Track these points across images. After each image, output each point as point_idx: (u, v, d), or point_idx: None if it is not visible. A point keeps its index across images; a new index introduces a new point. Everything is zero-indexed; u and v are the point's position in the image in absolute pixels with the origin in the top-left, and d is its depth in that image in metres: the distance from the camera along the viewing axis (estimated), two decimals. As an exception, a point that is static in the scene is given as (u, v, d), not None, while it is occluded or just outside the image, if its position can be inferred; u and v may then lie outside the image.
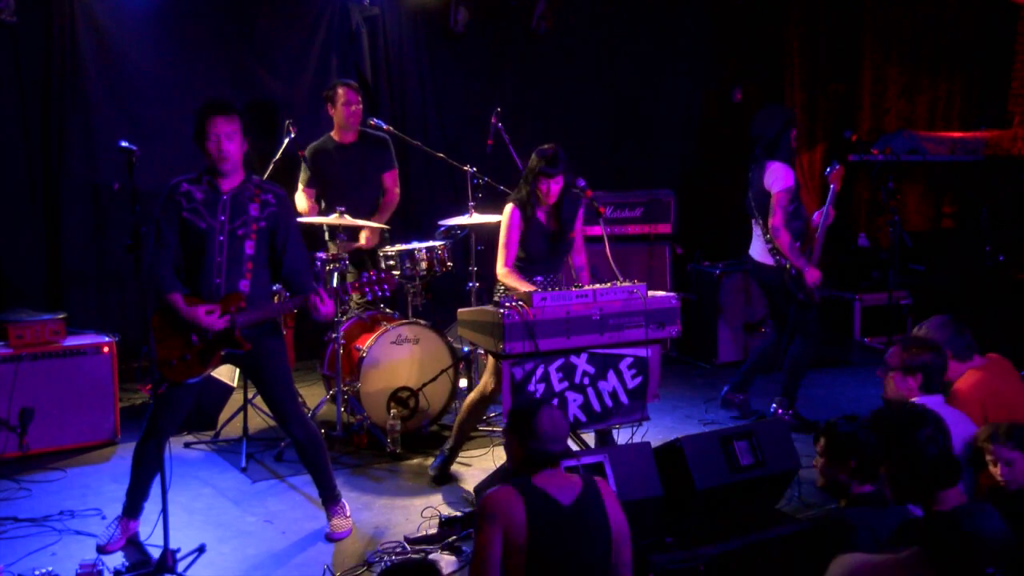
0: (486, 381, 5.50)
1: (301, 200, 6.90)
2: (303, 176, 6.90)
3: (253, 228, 4.68)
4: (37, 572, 4.29)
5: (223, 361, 4.80)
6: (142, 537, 4.87)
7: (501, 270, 5.66)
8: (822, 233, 6.59)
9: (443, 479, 5.71)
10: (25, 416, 5.90)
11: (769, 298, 6.91)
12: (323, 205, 6.83)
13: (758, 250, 6.66)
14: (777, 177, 6.45)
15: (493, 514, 3.42)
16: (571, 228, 5.80)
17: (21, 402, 5.87)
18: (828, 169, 6.60)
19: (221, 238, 4.64)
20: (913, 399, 4.44)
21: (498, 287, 5.75)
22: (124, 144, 4.43)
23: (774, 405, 6.74)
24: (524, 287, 5.37)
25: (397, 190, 7.12)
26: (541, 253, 5.70)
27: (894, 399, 4.53)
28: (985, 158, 9.56)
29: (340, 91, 6.85)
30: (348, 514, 5.10)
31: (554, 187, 5.63)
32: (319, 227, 6.85)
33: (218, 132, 4.61)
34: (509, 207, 5.73)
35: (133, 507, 4.86)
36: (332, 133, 7.00)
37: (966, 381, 4.74)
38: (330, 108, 6.94)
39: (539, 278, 5.64)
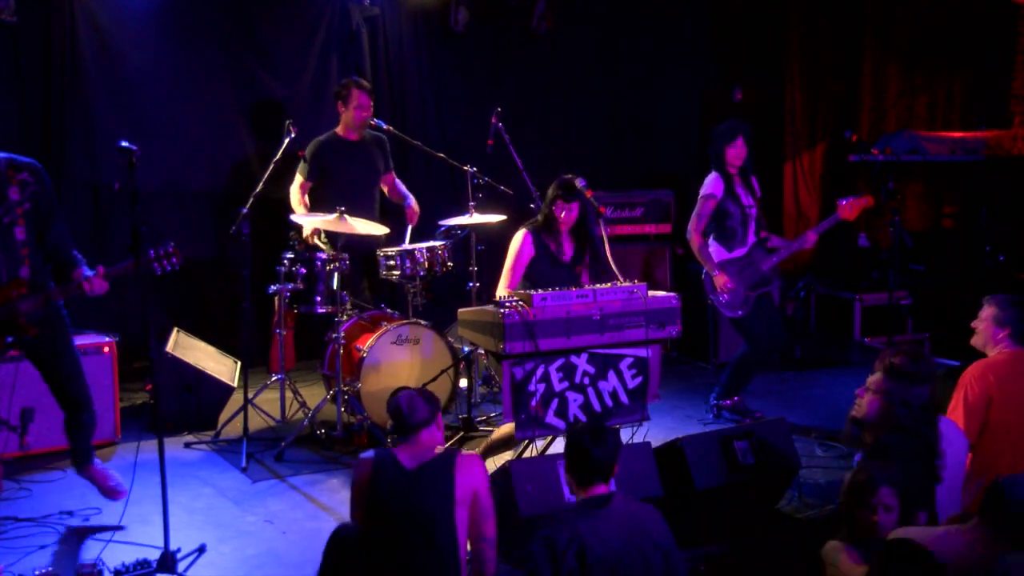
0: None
1: (296, 197, 6.89)
2: (302, 169, 6.89)
3: (19, 212, 4.60)
4: (37, 572, 4.29)
5: (9, 347, 4.72)
6: (143, 538, 4.87)
7: (501, 292, 5.66)
8: (787, 251, 6.72)
9: None
10: (26, 416, 5.87)
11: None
12: (322, 200, 6.83)
13: None
14: (705, 184, 6.70)
15: (352, 474, 4.04)
16: (581, 262, 5.83)
17: (22, 402, 5.82)
18: (847, 199, 6.62)
19: None
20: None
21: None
22: (124, 144, 4.42)
23: (712, 398, 6.90)
24: None
25: (401, 184, 7.21)
26: (548, 282, 5.68)
27: (867, 418, 4.42)
28: (985, 158, 9.56)
29: (355, 93, 6.86)
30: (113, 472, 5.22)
31: (568, 215, 5.67)
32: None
33: None
34: (522, 232, 5.76)
35: None
36: (338, 130, 7.01)
37: (997, 358, 4.98)
38: (340, 106, 6.95)
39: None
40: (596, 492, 3.76)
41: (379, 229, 6.53)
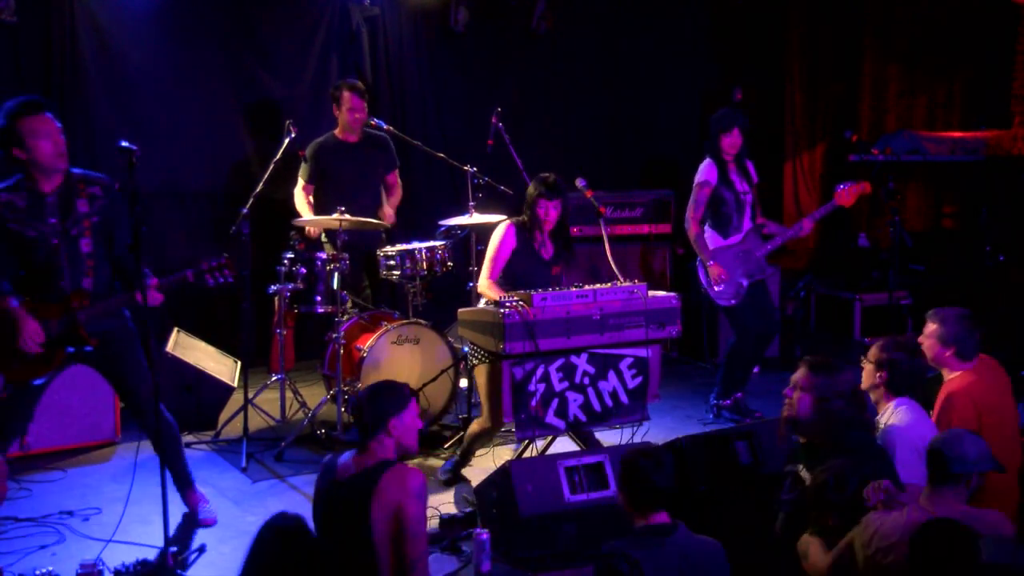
0: (485, 418, 5.45)
1: (300, 199, 6.90)
2: (304, 171, 6.91)
3: (86, 225, 4.63)
4: (37, 572, 4.29)
5: (70, 360, 4.72)
6: (143, 538, 4.87)
7: (483, 282, 5.68)
8: (783, 238, 6.74)
9: (455, 481, 5.69)
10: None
11: None
12: (323, 201, 6.83)
13: None
14: (699, 171, 6.73)
15: None
16: (558, 263, 5.85)
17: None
18: (844, 184, 6.62)
19: (55, 241, 4.59)
20: (877, 395, 4.53)
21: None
22: (124, 144, 4.42)
23: (712, 398, 6.87)
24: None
25: (399, 187, 7.23)
26: (527, 276, 5.68)
27: (868, 389, 4.56)
28: (986, 158, 9.55)
29: (346, 95, 6.87)
30: (208, 501, 5.16)
31: (552, 212, 5.67)
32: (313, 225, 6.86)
33: (50, 130, 4.54)
34: (506, 223, 5.76)
35: None
36: (336, 131, 7.02)
37: (961, 381, 4.71)
38: (335, 108, 6.97)
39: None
40: (657, 520, 3.61)
41: (380, 224, 6.55)
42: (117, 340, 4.74)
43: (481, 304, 5.55)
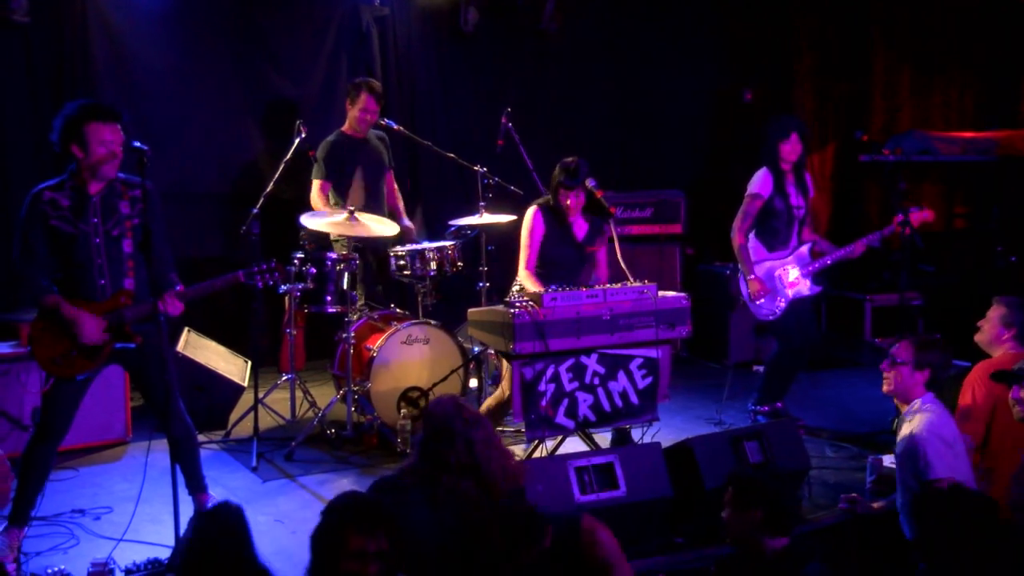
0: (504, 387, 5.47)
1: (316, 197, 6.91)
2: (318, 172, 6.91)
3: (127, 226, 4.68)
4: (49, 570, 4.31)
5: (114, 358, 4.77)
6: (154, 537, 4.88)
7: (522, 272, 5.70)
8: (832, 258, 6.58)
9: None
10: (37, 415, 5.90)
11: None
12: (336, 199, 6.85)
13: None
14: (753, 181, 6.51)
15: None
16: (593, 243, 5.82)
17: (33, 401, 5.88)
18: (913, 209, 6.55)
19: (97, 240, 4.63)
20: (903, 395, 4.67)
21: (514, 286, 5.76)
22: (136, 144, 4.43)
23: (750, 403, 6.75)
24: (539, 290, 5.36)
25: (397, 189, 7.31)
26: (561, 260, 5.69)
27: (898, 392, 4.69)
28: (997, 158, 9.51)
29: (363, 95, 6.88)
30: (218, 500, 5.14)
31: (573, 200, 5.67)
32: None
33: (110, 139, 4.57)
34: (532, 209, 5.77)
35: (21, 516, 4.74)
36: (344, 128, 7.02)
37: (1013, 359, 4.88)
38: (347, 103, 6.97)
39: (554, 287, 5.60)
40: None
41: (391, 228, 6.53)
42: (155, 345, 4.76)
43: (515, 291, 5.61)
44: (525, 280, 5.67)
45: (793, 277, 6.50)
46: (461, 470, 3.80)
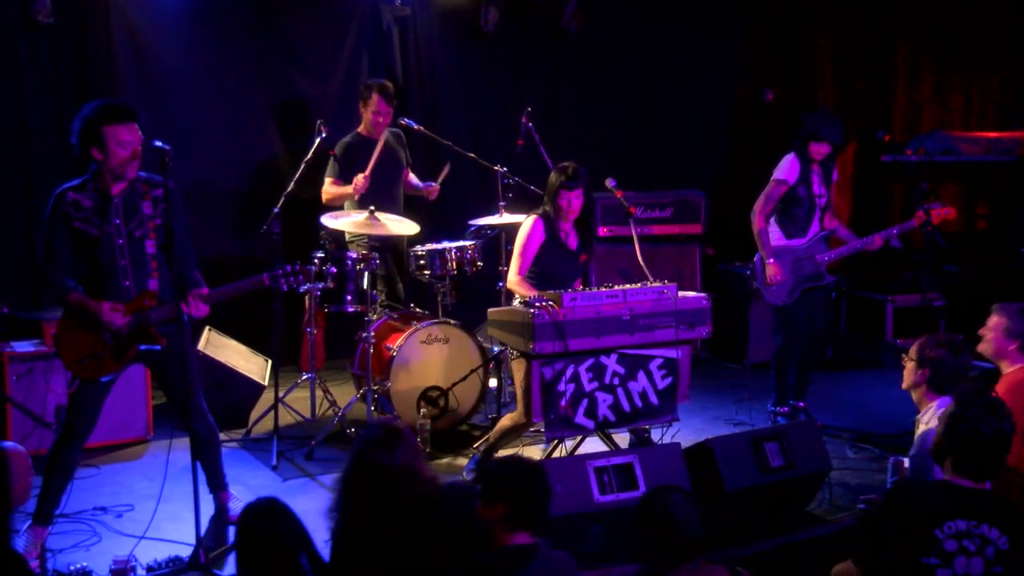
0: (520, 413, 5.44)
1: (330, 189, 6.91)
2: (332, 171, 6.93)
3: (150, 227, 4.69)
4: (71, 567, 4.34)
5: (138, 358, 4.78)
6: (175, 535, 4.91)
7: (513, 278, 5.67)
8: (849, 249, 6.60)
9: None
10: (60, 413, 5.95)
11: None
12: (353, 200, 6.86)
13: None
14: (780, 166, 6.50)
15: None
16: (585, 251, 5.80)
17: (56, 400, 5.92)
18: (934, 205, 6.50)
19: (120, 241, 4.64)
20: (919, 394, 4.63)
21: (502, 288, 5.75)
22: (158, 144, 4.46)
23: (769, 404, 6.73)
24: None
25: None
26: (555, 271, 5.68)
27: (909, 388, 4.68)
28: (1020, 158, 9.46)
29: (374, 97, 6.88)
30: (239, 499, 5.17)
31: (575, 201, 5.64)
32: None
33: (130, 139, 4.58)
34: (532, 218, 5.75)
35: (45, 514, 4.77)
36: (360, 129, 7.04)
37: (1020, 375, 4.80)
38: (361, 105, 6.99)
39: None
40: (519, 541, 3.41)
41: (411, 228, 6.54)
42: (179, 344, 4.79)
43: (515, 303, 5.55)
44: (517, 286, 5.63)
45: (807, 266, 6.51)
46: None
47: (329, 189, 6.92)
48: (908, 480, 3.50)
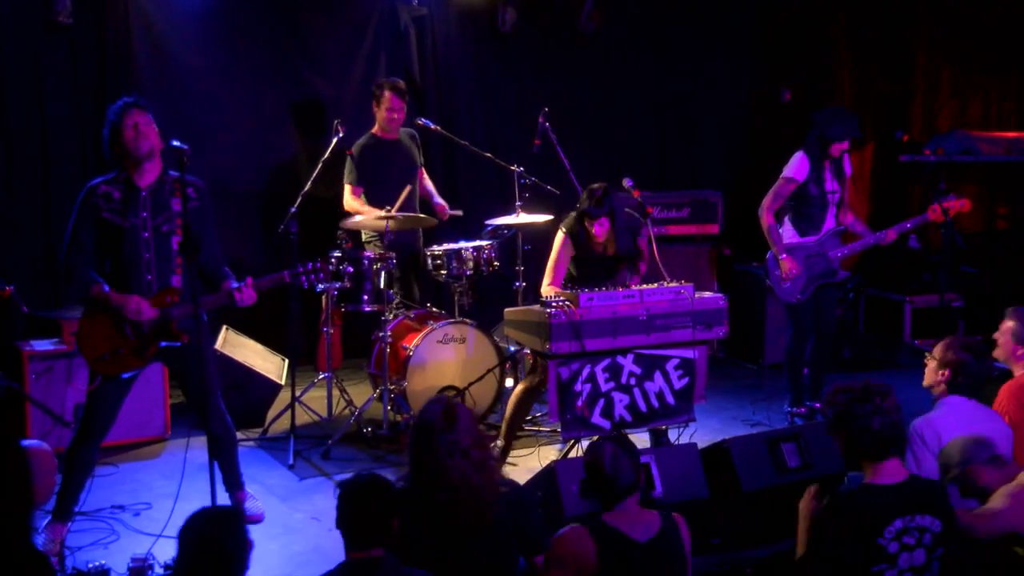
0: (530, 375, 5.47)
1: (351, 200, 6.93)
2: (350, 176, 6.94)
3: (178, 223, 4.72)
4: (90, 565, 4.36)
5: (159, 355, 4.80)
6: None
7: (547, 289, 5.68)
8: (862, 244, 6.59)
9: None
10: (79, 412, 5.97)
11: None
12: (369, 201, 6.87)
13: None
14: (789, 164, 6.48)
15: (563, 556, 3.45)
16: (630, 253, 5.81)
17: (75, 398, 5.96)
18: (949, 197, 6.46)
19: (146, 235, 4.68)
20: (939, 392, 4.59)
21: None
22: (176, 143, 4.48)
23: (786, 405, 6.71)
24: None
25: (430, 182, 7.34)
26: (593, 275, 5.69)
27: (928, 386, 4.66)
28: (1039, 158, 9.41)
29: (387, 95, 6.89)
30: (256, 498, 5.21)
31: (598, 228, 5.65)
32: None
33: (135, 121, 4.64)
34: (561, 235, 5.77)
35: (64, 511, 4.81)
36: (374, 130, 7.05)
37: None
38: (374, 105, 7.00)
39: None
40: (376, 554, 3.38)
41: (428, 221, 6.55)
42: (199, 341, 4.81)
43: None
44: (549, 293, 5.65)
45: (821, 263, 6.48)
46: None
47: (352, 204, 6.91)
48: (837, 498, 3.53)
